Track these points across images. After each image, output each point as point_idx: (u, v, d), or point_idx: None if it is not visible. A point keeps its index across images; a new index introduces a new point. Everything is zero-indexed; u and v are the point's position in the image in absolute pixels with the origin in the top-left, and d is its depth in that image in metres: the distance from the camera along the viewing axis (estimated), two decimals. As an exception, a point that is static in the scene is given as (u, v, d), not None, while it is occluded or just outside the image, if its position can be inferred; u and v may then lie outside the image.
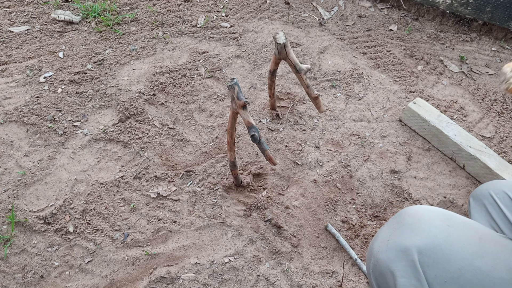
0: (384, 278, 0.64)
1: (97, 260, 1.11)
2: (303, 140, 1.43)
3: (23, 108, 1.45)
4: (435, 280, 0.60)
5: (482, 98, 1.64)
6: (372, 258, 0.68)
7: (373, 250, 0.68)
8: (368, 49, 1.85)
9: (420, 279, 0.61)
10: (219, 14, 1.98)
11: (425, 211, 0.68)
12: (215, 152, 1.38)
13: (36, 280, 1.06)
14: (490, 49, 1.89)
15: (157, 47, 1.76)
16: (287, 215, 1.22)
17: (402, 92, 1.65)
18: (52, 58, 1.66)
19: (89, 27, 1.84)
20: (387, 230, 0.69)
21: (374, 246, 0.68)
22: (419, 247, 0.62)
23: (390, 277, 0.63)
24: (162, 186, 1.27)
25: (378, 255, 0.66)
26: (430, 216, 0.66)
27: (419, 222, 0.66)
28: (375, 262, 0.66)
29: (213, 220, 1.20)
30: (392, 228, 0.68)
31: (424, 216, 0.66)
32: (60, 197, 1.23)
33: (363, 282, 1.09)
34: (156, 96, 1.53)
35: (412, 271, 0.61)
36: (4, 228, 1.15)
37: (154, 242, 1.15)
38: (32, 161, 1.31)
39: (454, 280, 0.60)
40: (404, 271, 0.62)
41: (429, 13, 2.03)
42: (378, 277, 0.66)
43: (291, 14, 2.02)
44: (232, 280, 1.08)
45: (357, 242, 1.18)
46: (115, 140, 1.39)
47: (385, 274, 0.64)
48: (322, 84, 1.65)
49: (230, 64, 1.71)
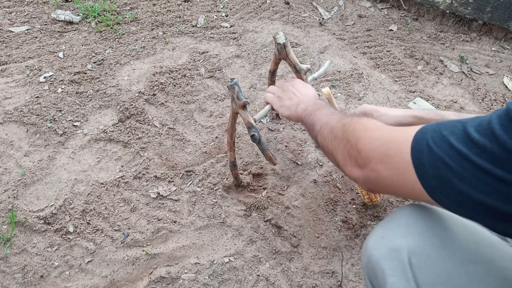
0: (375, 274, 0.65)
1: (97, 260, 1.11)
2: (303, 140, 1.43)
3: (23, 108, 1.45)
4: (424, 283, 0.60)
5: (482, 98, 1.64)
6: (366, 253, 0.68)
7: (367, 246, 0.68)
8: (368, 49, 1.85)
9: (409, 280, 0.60)
10: (219, 14, 1.98)
11: (422, 211, 0.67)
12: (215, 152, 1.38)
13: (36, 280, 1.06)
14: (490, 49, 1.89)
15: (157, 47, 1.76)
16: (287, 215, 1.22)
17: (402, 92, 1.65)
18: (52, 58, 1.66)
19: (89, 27, 1.84)
20: (383, 227, 0.69)
21: (369, 242, 0.68)
22: (410, 248, 0.62)
23: (380, 275, 0.63)
24: (162, 186, 1.27)
25: (371, 251, 0.66)
26: (426, 216, 0.66)
27: (415, 222, 0.65)
28: (368, 258, 0.67)
29: (213, 220, 1.20)
30: (387, 226, 0.68)
31: (421, 216, 0.66)
32: (60, 197, 1.23)
33: (363, 282, 1.09)
34: (156, 96, 1.53)
35: (402, 271, 0.61)
36: (4, 228, 1.15)
37: (154, 242, 1.15)
38: (32, 161, 1.31)
39: (443, 284, 0.59)
40: (394, 270, 0.62)
41: (429, 13, 2.03)
42: (370, 273, 0.67)
43: (291, 14, 2.02)
44: (232, 280, 1.08)
45: (357, 242, 1.18)
46: (115, 140, 1.39)
47: (376, 271, 0.64)
48: (322, 84, 1.65)
49: (230, 64, 1.71)
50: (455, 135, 0.52)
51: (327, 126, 0.78)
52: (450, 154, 0.51)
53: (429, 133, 0.55)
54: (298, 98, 1.00)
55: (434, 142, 0.53)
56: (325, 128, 0.78)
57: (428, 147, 0.54)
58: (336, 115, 0.80)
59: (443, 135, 0.53)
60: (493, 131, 0.47)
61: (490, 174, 0.47)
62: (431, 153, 0.53)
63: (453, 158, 0.51)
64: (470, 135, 0.50)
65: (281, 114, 1.04)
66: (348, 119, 0.73)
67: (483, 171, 0.47)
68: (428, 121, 0.96)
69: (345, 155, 0.69)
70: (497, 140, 0.46)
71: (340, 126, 0.73)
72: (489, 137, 0.48)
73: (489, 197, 0.47)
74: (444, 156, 0.51)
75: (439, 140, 0.53)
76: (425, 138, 0.55)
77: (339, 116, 0.78)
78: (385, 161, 0.60)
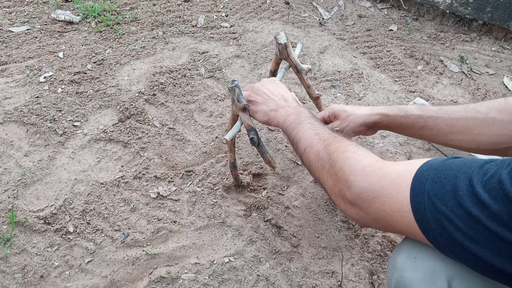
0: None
1: (97, 260, 1.11)
2: (303, 140, 1.43)
3: (23, 108, 1.45)
4: None
5: (482, 98, 1.64)
6: (395, 273, 0.63)
7: (397, 265, 0.62)
8: (368, 49, 1.85)
9: None
10: (219, 14, 1.98)
11: None
12: (215, 152, 1.38)
13: (36, 280, 1.06)
14: (490, 49, 1.89)
15: (157, 47, 1.76)
16: (287, 215, 1.22)
17: (402, 92, 1.65)
18: (52, 58, 1.66)
19: (89, 27, 1.84)
20: (413, 246, 0.62)
21: (398, 261, 0.63)
22: (450, 273, 0.57)
23: None
24: (162, 186, 1.27)
25: (403, 272, 0.61)
26: None
27: None
28: (399, 279, 0.62)
29: (213, 220, 1.20)
30: (420, 245, 0.61)
31: None
32: (60, 197, 1.23)
33: (363, 282, 1.09)
34: (156, 96, 1.53)
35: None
36: (4, 228, 1.15)
37: (154, 242, 1.15)
38: (32, 161, 1.31)
39: None
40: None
41: (429, 13, 2.03)
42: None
43: (291, 14, 2.02)
44: (232, 280, 1.08)
45: (357, 242, 1.18)
46: (115, 140, 1.39)
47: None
48: (322, 84, 1.65)
49: (230, 64, 1.71)
50: (460, 191, 0.48)
51: (312, 149, 0.73)
52: (459, 215, 0.48)
53: (428, 183, 0.52)
54: (275, 102, 0.92)
55: (437, 196, 0.50)
56: (310, 151, 0.74)
57: (431, 202, 0.50)
58: (320, 134, 0.75)
59: (446, 190, 0.49)
60: (507, 194, 0.44)
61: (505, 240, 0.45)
62: (436, 210, 0.50)
63: (463, 219, 0.48)
64: (479, 195, 0.46)
65: (257, 119, 0.96)
66: (333, 146, 0.69)
67: (497, 236, 0.45)
68: (393, 118, 0.93)
69: (336, 194, 0.65)
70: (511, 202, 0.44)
71: (326, 156, 0.69)
72: (502, 200, 0.45)
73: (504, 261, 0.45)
74: (452, 216, 0.48)
75: (442, 195, 0.50)
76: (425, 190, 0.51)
77: (323, 138, 0.73)
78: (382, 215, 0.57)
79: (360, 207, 0.61)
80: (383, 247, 1.16)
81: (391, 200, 0.56)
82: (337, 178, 0.64)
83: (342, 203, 0.65)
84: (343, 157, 0.65)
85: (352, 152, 0.65)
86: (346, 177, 0.62)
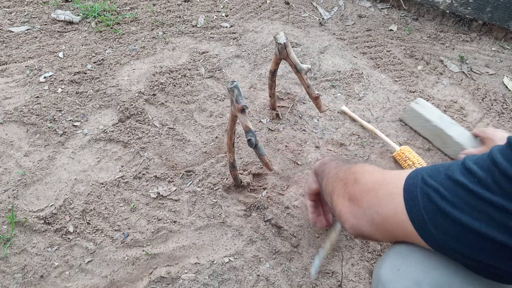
0: None
1: (97, 260, 1.11)
2: (303, 140, 1.43)
3: (23, 108, 1.45)
4: None
5: (482, 98, 1.64)
6: (379, 285, 0.63)
7: (381, 276, 0.63)
8: (368, 49, 1.85)
9: None
10: (219, 14, 1.98)
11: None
12: (215, 152, 1.38)
13: (36, 280, 1.06)
14: (490, 49, 1.89)
15: (157, 47, 1.76)
16: (287, 215, 1.22)
17: (402, 92, 1.65)
18: (52, 58, 1.66)
19: (89, 27, 1.84)
20: (397, 257, 0.63)
21: (382, 272, 0.63)
22: (433, 284, 0.57)
23: None
24: (162, 186, 1.27)
25: (386, 284, 0.61)
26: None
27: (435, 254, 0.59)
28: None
29: (213, 220, 1.20)
30: (403, 257, 0.62)
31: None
32: (60, 197, 1.23)
33: (363, 282, 1.09)
34: (156, 96, 1.53)
35: None
36: (4, 228, 1.15)
37: (154, 242, 1.15)
38: (32, 161, 1.31)
39: None
40: None
41: (429, 13, 2.03)
42: None
43: (291, 14, 2.02)
44: (232, 280, 1.08)
45: (357, 242, 1.18)
46: (115, 140, 1.39)
47: None
48: (322, 84, 1.65)
49: (230, 64, 1.71)
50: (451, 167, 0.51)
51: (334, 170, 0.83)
52: (446, 186, 0.50)
53: (424, 169, 0.55)
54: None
55: (430, 175, 0.53)
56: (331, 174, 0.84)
57: (422, 180, 0.53)
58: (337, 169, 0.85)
59: (439, 170, 0.52)
60: (494, 161, 0.46)
61: (488, 202, 0.45)
62: (425, 185, 0.52)
63: (449, 188, 0.49)
64: (468, 167, 0.49)
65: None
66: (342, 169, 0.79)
67: (481, 200, 0.46)
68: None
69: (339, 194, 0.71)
70: (498, 168, 0.45)
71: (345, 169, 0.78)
72: (489, 167, 0.46)
73: (488, 228, 0.45)
74: (440, 188, 0.50)
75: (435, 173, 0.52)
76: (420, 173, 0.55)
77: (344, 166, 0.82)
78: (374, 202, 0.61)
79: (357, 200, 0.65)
80: (383, 247, 1.16)
81: (388, 185, 0.60)
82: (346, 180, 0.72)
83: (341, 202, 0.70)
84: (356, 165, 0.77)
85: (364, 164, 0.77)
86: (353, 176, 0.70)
